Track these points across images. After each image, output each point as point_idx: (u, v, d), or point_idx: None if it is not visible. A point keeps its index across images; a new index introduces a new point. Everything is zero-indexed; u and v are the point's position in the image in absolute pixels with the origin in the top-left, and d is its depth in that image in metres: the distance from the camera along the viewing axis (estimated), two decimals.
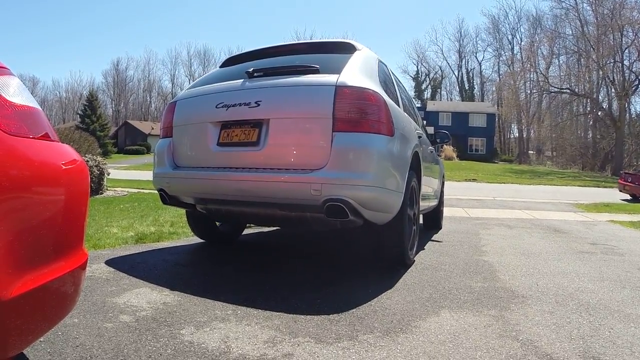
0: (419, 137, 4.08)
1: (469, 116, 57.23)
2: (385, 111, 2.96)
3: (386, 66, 3.98)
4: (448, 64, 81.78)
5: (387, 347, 2.01)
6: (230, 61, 4.07)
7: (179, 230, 5.17)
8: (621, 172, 20.95)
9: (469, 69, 78.47)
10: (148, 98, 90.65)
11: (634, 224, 8.79)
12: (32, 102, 1.40)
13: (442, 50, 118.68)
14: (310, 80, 3.05)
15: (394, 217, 3.17)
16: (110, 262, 3.45)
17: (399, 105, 3.66)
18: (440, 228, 6.56)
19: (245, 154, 3.09)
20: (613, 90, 43.02)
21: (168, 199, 3.56)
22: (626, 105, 42.43)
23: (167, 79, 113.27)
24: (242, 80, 3.32)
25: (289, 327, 2.23)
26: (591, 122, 51.22)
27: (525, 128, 60.16)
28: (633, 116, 46.01)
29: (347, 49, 3.49)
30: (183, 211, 6.92)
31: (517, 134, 66.05)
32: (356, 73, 3.08)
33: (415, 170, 3.64)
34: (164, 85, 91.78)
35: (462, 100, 71.68)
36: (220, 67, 4.09)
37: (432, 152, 5.33)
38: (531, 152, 61.14)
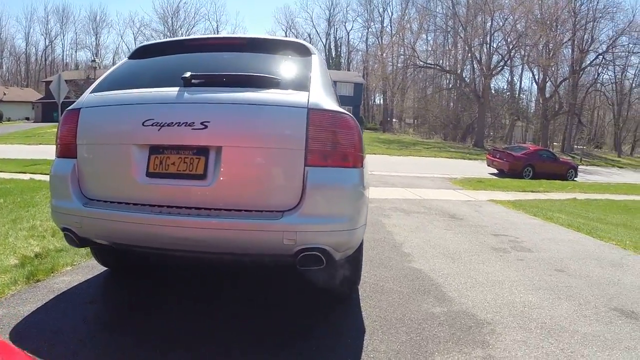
0: None
1: (337, 85, 58.90)
2: (359, 139, 2.73)
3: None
4: (317, 31, 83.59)
5: None
6: (147, 52, 3.43)
7: (67, 244, 4.39)
8: (490, 148, 23.87)
9: (337, 38, 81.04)
10: None
11: (513, 204, 9.97)
12: None
13: (311, 18, 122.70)
14: (275, 99, 2.66)
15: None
16: (18, 335, 2.70)
17: None
18: None
19: (188, 190, 2.60)
20: (479, 68, 47.73)
21: (78, 241, 2.88)
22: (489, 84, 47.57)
23: (21, 37, 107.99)
24: (177, 88, 2.74)
25: None
26: (455, 97, 56.41)
27: (390, 99, 64.01)
28: (493, 92, 51.62)
29: (301, 51, 3.18)
30: None
31: (380, 102, 70.14)
32: (322, 90, 2.81)
33: None
34: (18, 45, 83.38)
35: (329, 69, 73.71)
36: (132, 58, 3.41)
37: None
38: (395, 120, 65.57)
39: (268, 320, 3.03)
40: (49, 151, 18.73)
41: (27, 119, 56.20)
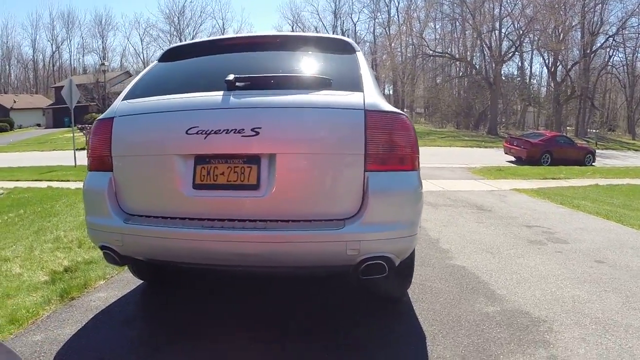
0: None
1: None
2: (416, 140, 2.60)
3: None
4: (323, 24, 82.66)
5: None
6: (178, 54, 3.26)
7: (95, 255, 4.45)
8: (506, 136, 23.81)
9: (344, 30, 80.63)
10: (7, 67, 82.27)
11: (537, 192, 9.94)
12: None
13: (317, 11, 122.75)
14: (331, 101, 2.50)
15: None
16: None
17: None
18: None
19: (240, 202, 2.45)
20: (489, 55, 47.34)
21: (119, 259, 2.72)
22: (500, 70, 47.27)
23: (28, 44, 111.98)
24: (221, 93, 2.56)
25: None
26: (466, 85, 55.95)
27: (400, 90, 63.78)
28: (503, 78, 51.25)
29: (345, 49, 3.08)
30: (83, 217, 6.17)
31: (391, 93, 69.75)
32: (375, 89, 2.71)
33: None
34: (25, 52, 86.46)
35: None
36: (162, 60, 3.24)
37: None
38: (406, 110, 65.41)
39: (325, 330, 3.01)
40: (63, 157, 19.06)
41: (39, 125, 57.10)
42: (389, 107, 2.57)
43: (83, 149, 23.34)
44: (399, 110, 2.60)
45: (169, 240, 2.50)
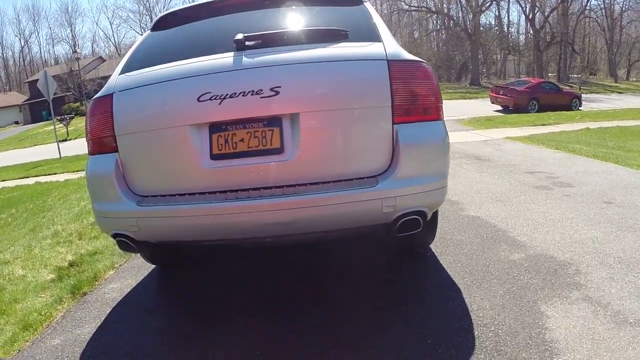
0: None
1: None
2: (438, 87, 2.53)
3: None
4: None
5: None
6: (171, 20, 3.05)
7: (99, 245, 4.31)
8: (492, 85, 23.74)
9: None
10: None
11: (530, 139, 9.98)
12: None
13: None
14: (352, 53, 2.38)
15: None
16: None
17: None
18: None
19: (264, 168, 2.30)
20: (467, 6, 46.72)
21: (135, 245, 2.53)
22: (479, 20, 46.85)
23: None
24: (231, 54, 2.39)
25: None
26: (445, 38, 55.37)
27: None
28: (482, 29, 50.91)
29: (352, 0, 2.93)
30: (80, 208, 6.05)
31: None
32: (392, 38, 2.60)
33: None
34: None
35: None
36: (155, 29, 3.04)
37: None
38: None
39: (361, 293, 2.96)
40: (46, 151, 18.85)
41: (17, 122, 55.62)
42: (410, 56, 2.48)
43: (64, 140, 23.06)
44: (419, 59, 2.50)
45: (190, 218, 2.34)
